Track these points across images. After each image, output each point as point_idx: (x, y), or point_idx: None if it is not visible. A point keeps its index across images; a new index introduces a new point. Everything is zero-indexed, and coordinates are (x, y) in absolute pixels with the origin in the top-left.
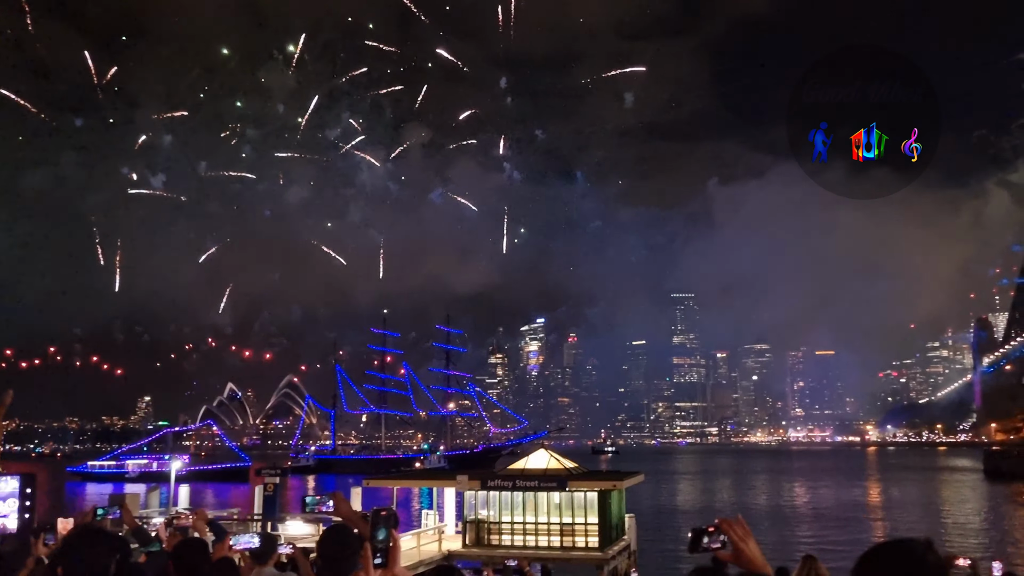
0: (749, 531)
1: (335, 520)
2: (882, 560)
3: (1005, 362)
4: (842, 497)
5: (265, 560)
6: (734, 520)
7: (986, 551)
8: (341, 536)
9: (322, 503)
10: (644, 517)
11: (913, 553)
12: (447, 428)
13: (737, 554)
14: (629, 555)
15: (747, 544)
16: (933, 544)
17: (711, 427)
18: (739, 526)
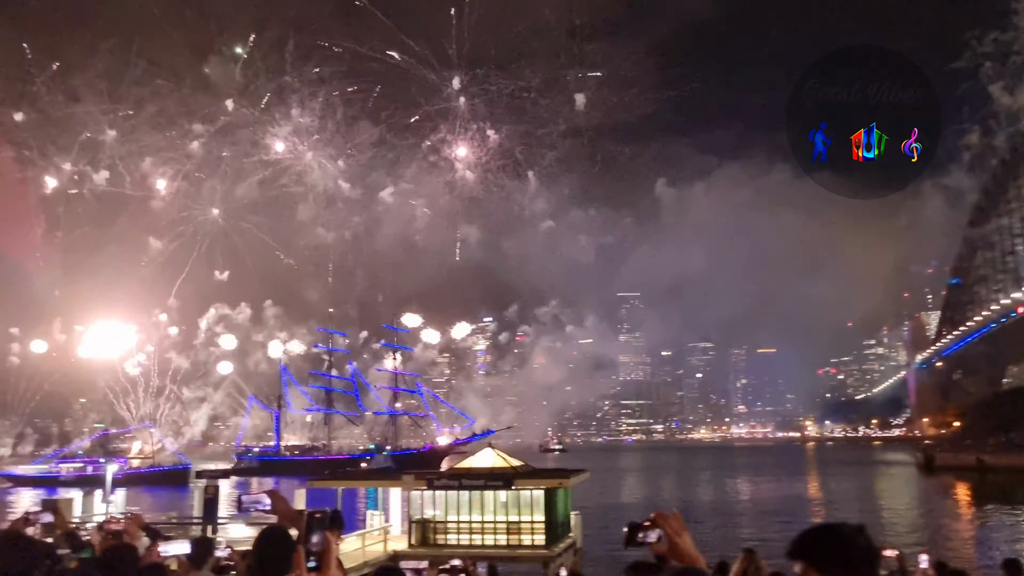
0: (684, 525)
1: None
2: (815, 541)
3: (937, 359)
4: (783, 492)
5: (201, 564)
6: (670, 515)
7: (917, 542)
8: (276, 538)
9: (258, 502)
10: (590, 514)
11: (844, 535)
12: (394, 428)
13: (672, 548)
14: (575, 552)
15: (682, 538)
16: (865, 529)
17: (656, 424)
18: (674, 520)
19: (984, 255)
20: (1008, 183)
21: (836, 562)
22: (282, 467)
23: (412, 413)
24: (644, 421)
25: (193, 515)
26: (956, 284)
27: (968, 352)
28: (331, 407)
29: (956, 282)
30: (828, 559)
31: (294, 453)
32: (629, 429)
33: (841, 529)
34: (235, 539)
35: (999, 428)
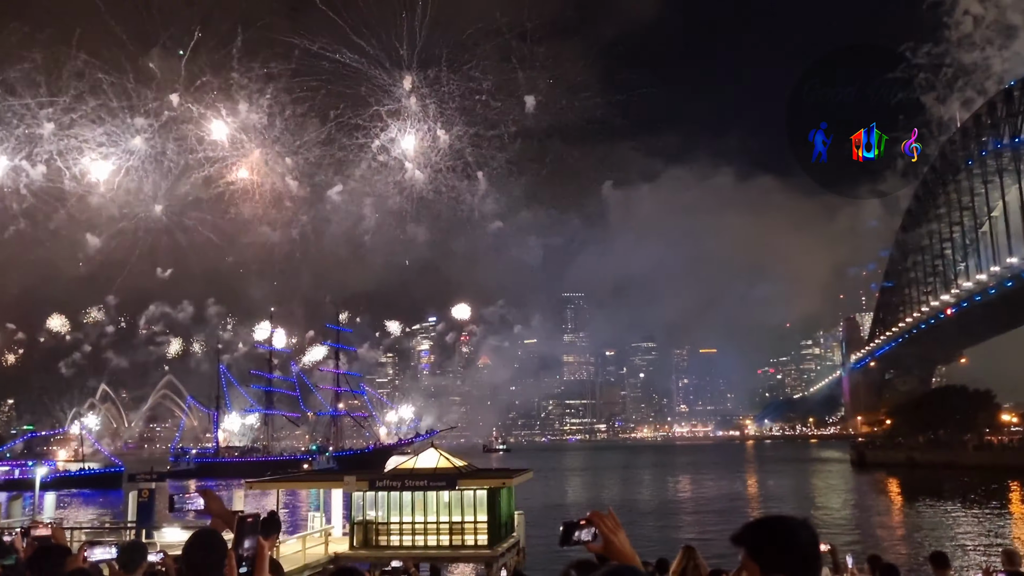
0: (619, 524)
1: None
2: (759, 530)
3: (870, 359)
4: (722, 489)
5: (132, 569)
6: (605, 513)
7: (851, 537)
8: (207, 542)
9: (191, 502)
10: (534, 514)
11: (787, 527)
12: (337, 429)
13: (607, 546)
14: (518, 552)
15: (617, 536)
16: (808, 522)
17: (600, 424)
18: (610, 519)
19: (915, 259)
20: (938, 190)
21: (776, 553)
22: (220, 469)
23: (355, 414)
24: (587, 421)
25: (127, 519)
26: (888, 287)
27: (899, 352)
28: (272, 408)
29: (889, 285)
30: (769, 549)
31: (233, 455)
32: (573, 429)
33: (785, 521)
34: (170, 543)
35: (928, 426)
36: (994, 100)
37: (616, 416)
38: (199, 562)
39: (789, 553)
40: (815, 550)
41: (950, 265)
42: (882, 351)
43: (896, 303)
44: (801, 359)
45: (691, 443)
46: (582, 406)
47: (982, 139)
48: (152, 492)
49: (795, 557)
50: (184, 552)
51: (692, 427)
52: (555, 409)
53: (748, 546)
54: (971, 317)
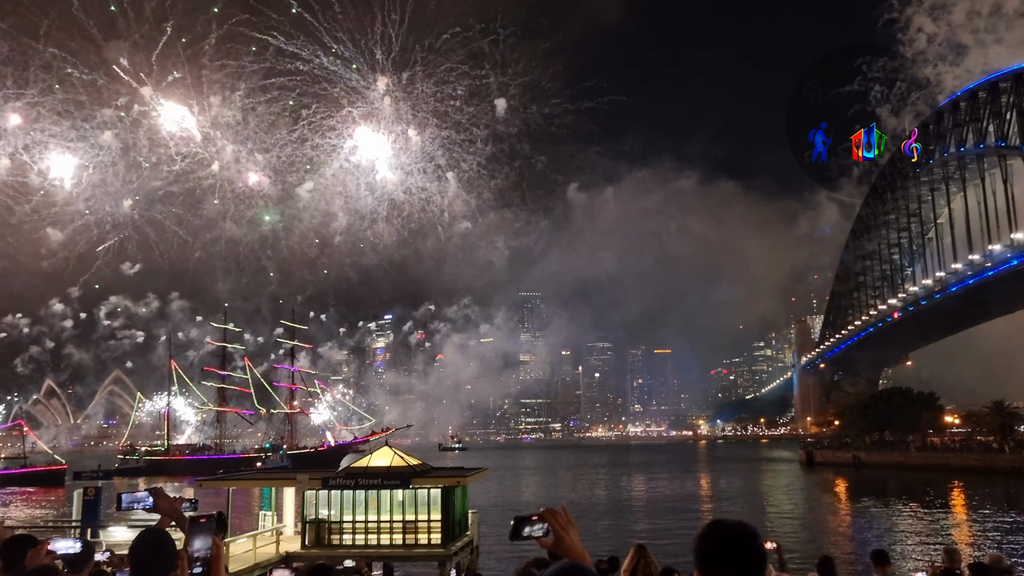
0: (571, 520)
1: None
2: (699, 542)
3: (820, 361)
4: (674, 488)
5: (80, 568)
6: (557, 510)
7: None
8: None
9: (141, 500)
10: (488, 513)
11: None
12: (291, 427)
13: (558, 542)
14: (472, 551)
15: (568, 533)
16: (743, 525)
17: (555, 423)
18: (562, 515)
19: (864, 263)
20: (887, 196)
21: (715, 562)
22: (171, 467)
23: (309, 412)
24: (543, 420)
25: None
26: (838, 290)
27: (848, 355)
28: (225, 405)
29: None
30: (708, 560)
31: (184, 453)
32: (528, 428)
33: (717, 527)
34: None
35: (874, 427)
36: (941, 111)
37: (572, 416)
38: (147, 562)
39: (722, 558)
40: (749, 553)
41: (898, 270)
42: (831, 353)
43: (845, 306)
44: (753, 360)
45: (645, 443)
46: (538, 405)
47: (929, 148)
48: (98, 490)
49: (726, 563)
50: (132, 552)
51: (646, 427)
52: (511, 408)
53: (696, 563)
54: (917, 321)
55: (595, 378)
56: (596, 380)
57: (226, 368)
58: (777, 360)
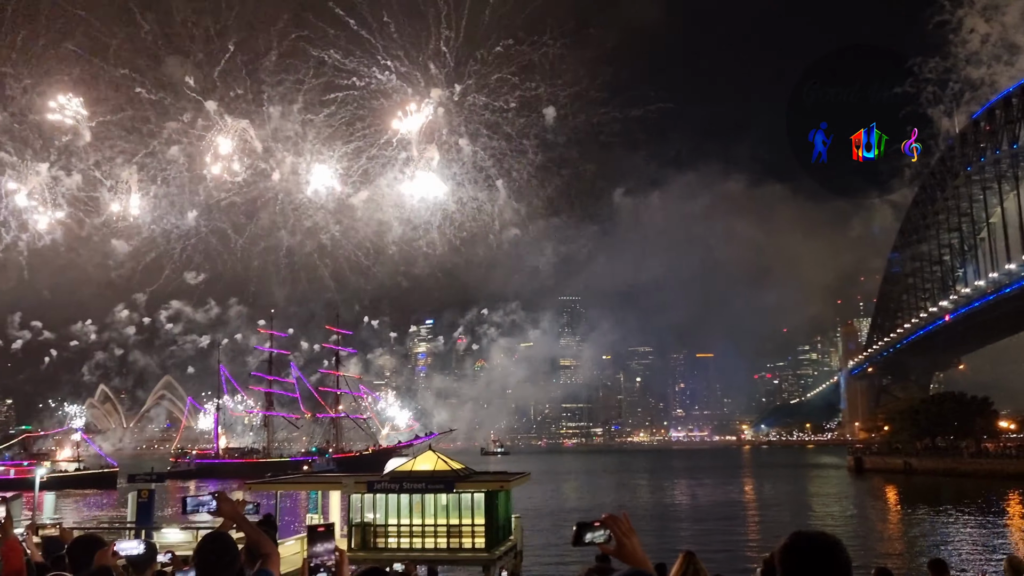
0: (632, 528)
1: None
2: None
3: (868, 365)
4: (719, 494)
5: (143, 569)
6: (619, 516)
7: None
8: (218, 544)
9: (205, 503)
10: (531, 517)
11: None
12: (336, 430)
13: (620, 549)
14: (515, 556)
15: (630, 540)
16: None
17: (596, 428)
18: (624, 522)
19: (913, 265)
20: (937, 196)
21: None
22: (220, 470)
23: (354, 416)
24: (584, 424)
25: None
26: (887, 292)
27: (898, 358)
28: (272, 410)
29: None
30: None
31: (233, 456)
32: (569, 432)
33: (800, 539)
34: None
35: (925, 432)
36: (992, 107)
37: (613, 420)
38: (212, 564)
39: (807, 571)
40: (834, 565)
41: (949, 271)
42: (880, 357)
43: (894, 309)
44: (799, 364)
45: (688, 448)
46: (579, 410)
47: (980, 146)
48: (152, 492)
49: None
50: (196, 554)
51: (689, 432)
52: (552, 412)
53: (778, 570)
54: (969, 323)
55: (636, 383)
56: (638, 384)
57: (273, 373)
58: (823, 364)
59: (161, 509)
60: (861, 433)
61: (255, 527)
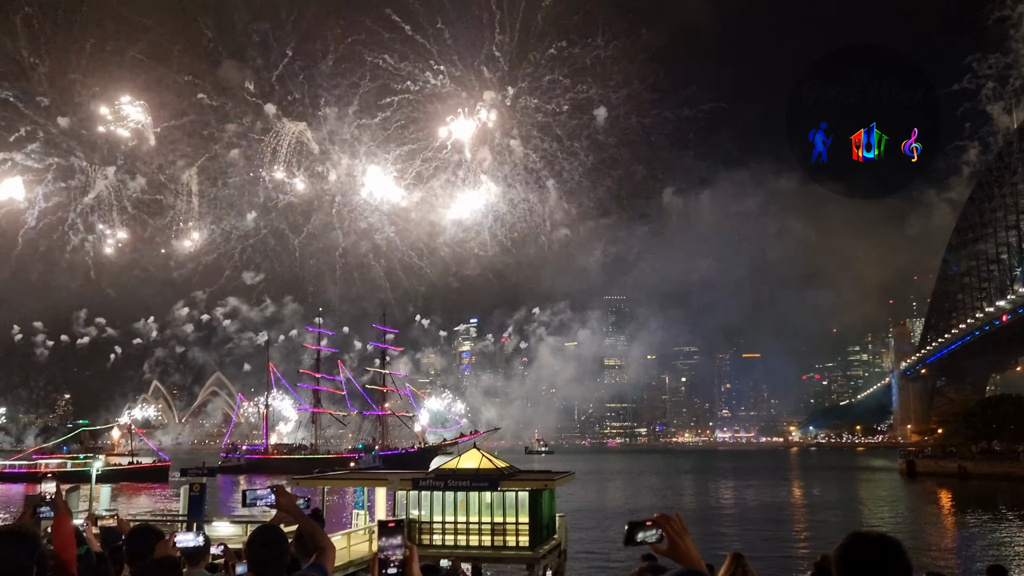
0: (685, 527)
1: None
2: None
3: (921, 366)
4: (766, 496)
5: (197, 561)
6: (671, 516)
7: None
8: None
9: (263, 497)
10: (575, 517)
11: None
12: (383, 428)
13: (673, 548)
14: (559, 554)
15: (683, 539)
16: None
17: (640, 428)
18: (676, 521)
19: (969, 263)
20: (994, 192)
21: None
22: (269, 466)
23: (401, 414)
24: (628, 424)
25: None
26: (941, 292)
27: (952, 359)
28: (319, 406)
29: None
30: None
31: (282, 452)
32: (613, 432)
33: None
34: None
35: (981, 436)
36: None
37: (657, 420)
38: (263, 557)
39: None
40: (895, 566)
41: (1006, 270)
42: (934, 358)
43: (949, 309)
44: (848, 365)
45: (733, 449)
46: (623, 410)
47: None
48: (203, 487)
49: None
50: (247, 547)
51: (735, 433)
52: (596, 412)
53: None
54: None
55: (682, 383)
56: (683, 385)
57: (322, 371)
58: (874, 365)
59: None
60: (913, 436)
61: (311, 521)
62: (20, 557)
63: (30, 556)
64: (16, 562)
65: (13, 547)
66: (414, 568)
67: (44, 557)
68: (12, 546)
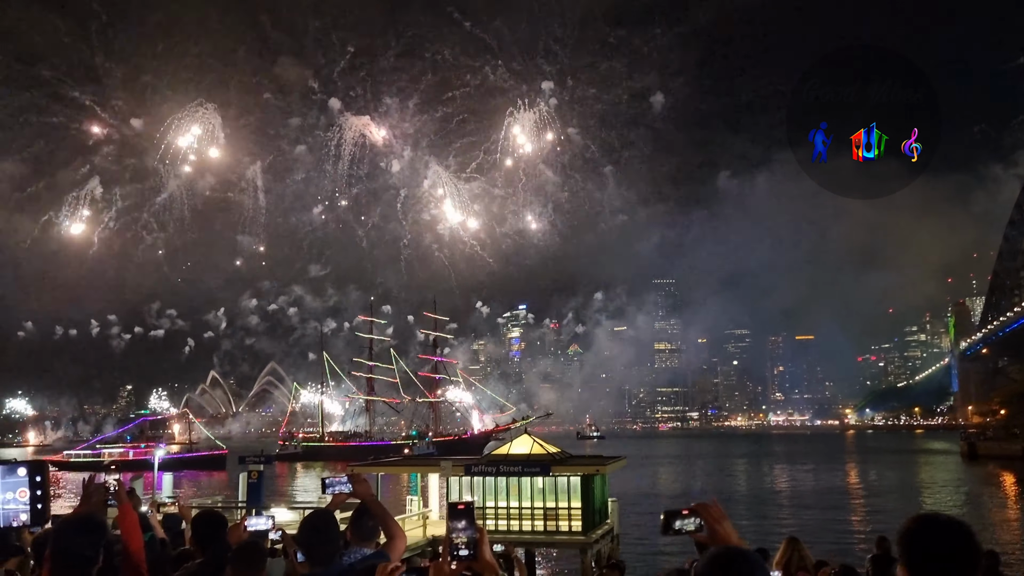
0: (723, 513)
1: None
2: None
3: (982, 346)
4: (822, 481)
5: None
6: (709, 503)
7: None
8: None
9: (340, 482)
10: (628, 501)
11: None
12: (435, 414)
13: (712, 535)
14: (612, 539)
15: (722, 525)
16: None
17: (692, 412)
18: (714, 508)
19: None
20: None
21: (927, 558)
22: (325, 453)
23: (453, 400)
24: (680, 408)
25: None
26: (1003, 268)
27: (1015, 338)
28: (373, 394)
29: (1004, 266)
30: (918, 556)
31: (338, 440)
32: (665, 416)
33: (929, 521)
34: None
35: None
36: None
37: (708, 404)
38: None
39: (935, 555)
40: (964, 551)
41: None
42: (996, 337)
43: (1011, 286)
44: (906, 346)
45: (787, 432)
46: (674, 394)
47: None
48: (261, 474)
49: (939, 559)
50: (300, 531)
51: (788, 416)
52: (647, 396)
53: (900, 552)
54: None
55: (733, 366)
56: (734, 368)
57: (375, 359)
58: (932, 345)
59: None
60: (975, 417)
61: (384, 508)
62: (85, 547)
63: (95, 546)
64: (81, 552)
65: (80, 537)
66: (484, 549)
67: (111, 544)
68: (79, 536)
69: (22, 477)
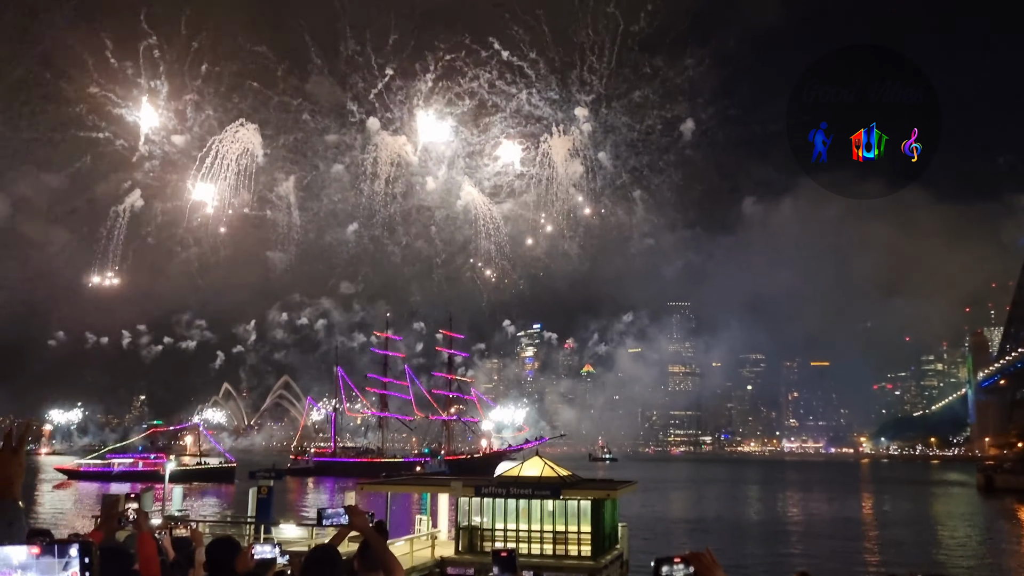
0: (716, 562)
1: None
2: None
3: (1000, 376)
4: (835, 510)
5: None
6: (702, 552)
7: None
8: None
9: (337, 515)
10: (638, 526)
11: None
12: (448, 432)
13: None
14: (622, 564)
15: (714, 575)
16: None
17: (705, 436)
18: (707, 557)
19: None
20: None
21: None
22: (337, 469)
23: (466, 419)
24: (692, 432)
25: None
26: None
27: None
28: (386, 410)
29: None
30: None
31: (349, 455)
32: (677, 440)
33: None
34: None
35: None
36: None
37: (722, 429)
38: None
39: None
40: None
41: None
42: (1014, 368)
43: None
44: (922, 375)
45: (801, 459)
46: (687, 418)
47: None
48: (271, 489)
49: None
50: (304, 566)
51: (802, 442)
52: (660, 420)
53: None
54: None
55: (747, 391)
56: (748, 393)
57: (388, 375)
58: (949, 375)
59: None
60: (992, 449)
61: (382, 541)
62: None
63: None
64: None
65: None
66: None
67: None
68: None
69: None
